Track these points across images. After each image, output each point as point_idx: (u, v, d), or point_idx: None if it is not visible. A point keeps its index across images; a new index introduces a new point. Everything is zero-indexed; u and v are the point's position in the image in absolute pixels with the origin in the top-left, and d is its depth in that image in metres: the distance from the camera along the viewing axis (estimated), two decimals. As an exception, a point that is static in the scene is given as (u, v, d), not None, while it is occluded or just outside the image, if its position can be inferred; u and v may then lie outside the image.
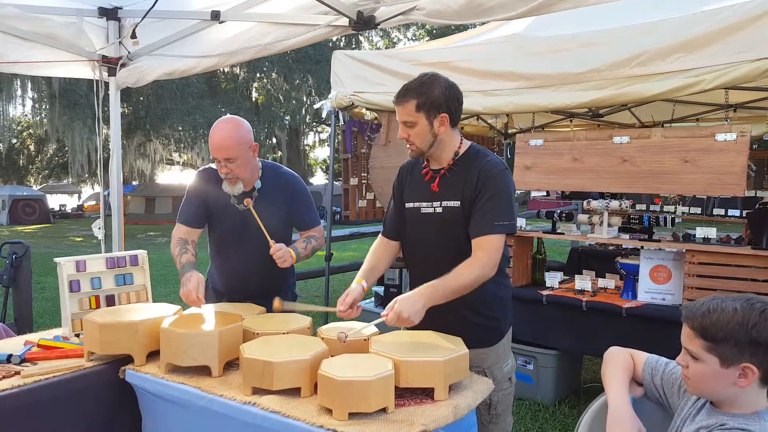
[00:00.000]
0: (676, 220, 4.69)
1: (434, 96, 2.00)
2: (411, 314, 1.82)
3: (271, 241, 2.40)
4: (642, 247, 3.70)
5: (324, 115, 4.87)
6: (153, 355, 2.08)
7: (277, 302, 2.15)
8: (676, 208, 5.12)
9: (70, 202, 33.53)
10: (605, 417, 1.62)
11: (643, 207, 5.10)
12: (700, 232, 3.39)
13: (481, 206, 2.01)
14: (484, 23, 4.70)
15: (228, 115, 2.55)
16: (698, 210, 5.54)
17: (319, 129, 28.00)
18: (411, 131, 2.05)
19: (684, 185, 3.34)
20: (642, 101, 3.65)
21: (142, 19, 3.18)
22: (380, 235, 2.35)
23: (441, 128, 2.04)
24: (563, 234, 4.02)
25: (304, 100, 22.55)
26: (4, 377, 1.92)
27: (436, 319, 1.99)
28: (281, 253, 2.41)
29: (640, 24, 3.26)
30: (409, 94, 2.02)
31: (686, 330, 1.46)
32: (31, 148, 31.73)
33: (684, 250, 3.33)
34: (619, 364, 1.74)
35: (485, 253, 1.97)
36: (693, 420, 1.52)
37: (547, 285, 3.93)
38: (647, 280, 3.48)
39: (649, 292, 3.48)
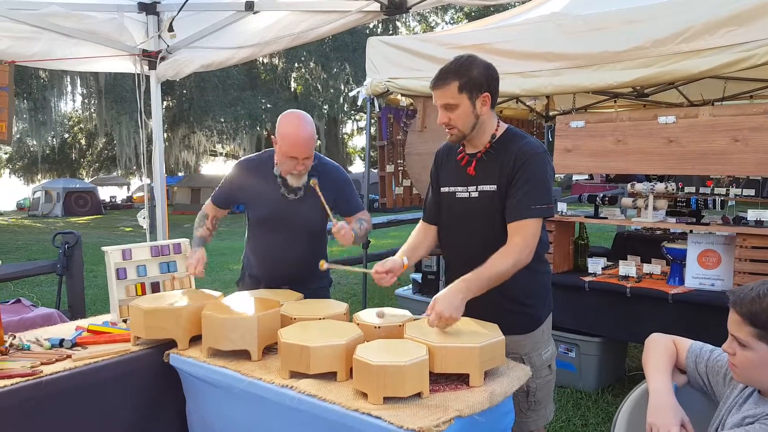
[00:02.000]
0: (729, 203, 4.49)
1: (475, 76, 1.97)
2: (452, 312, 1.81)
3: (333, 220, 2.45)
4: (691, 231, 3.57)
5: (359, 103, 4.86)
6: (196, 340, 2.14)
7: (322, 263, 2.23)
8: (728, 190, 4.90)
9: (120, 194, 34.72)
10: (646, 405, 1.58)
11: (693, 189, 4.90)
12: (752, 214, 3.24)
13: (517, 190, 1.98)
14: (522, 2, 4.60)
15: (297, 111, 2.54)
16: (752, 192, 5.31)
17: (357, 117, 28.03)
18: (452, 114, 2.02)
19: (734, 166, 3.19)
20: (689, 79, 3.50)
21: (179, 12, 3.25)
22: (421, 220, 2.34)
23: (483, 108, 2.01)
24: (606, 218, 3.91)
25: (342, 88, 22.59)
26: (56, 360, 2.01)
27: (472, 306, 1.97)
28: (345, 232, 2.43)
29: (685, -3, 3.12)
30: (450, 76, 1.98)
31: (734, 316, 1.41)
32: (82, 142, 32.88)
33: (735, 234, 3.20)
34: (661, 350, 1.69)
35: (521, 239, 1.94)
36: (739, 409, 1.47)
37: (589, 271, 3.84)
38: (695, 265, 3.36)
39: (697, 277, 3.36)
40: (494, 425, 1.75)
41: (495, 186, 2.04)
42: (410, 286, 5.41)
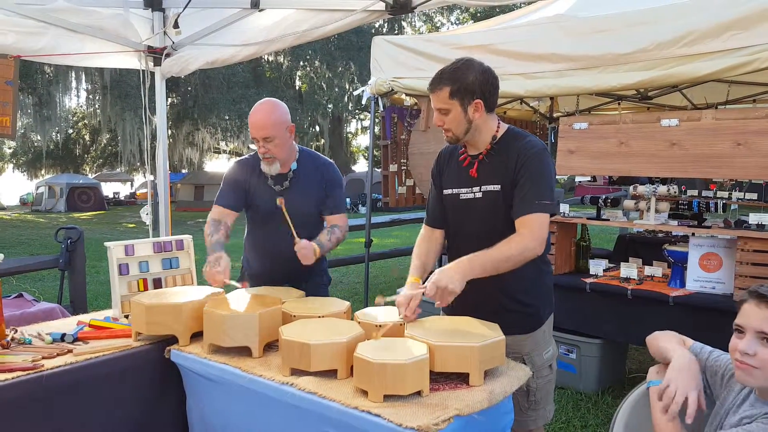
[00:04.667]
0: (732, 207, 4.49)
1: (468, 82, 1.98)
2: (449, 283, 1.80)
3: (297, 238, 2.45)
4: (692, 234, 3.57)
5: (364, 102, 4.87)
6: (197, 336, 2.15)
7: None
8: (730, 193, 4.89)
9: (123, 190, 34.78)
10: (645, 406, 1.59)
11: (695, 193, 4.90)
12: (754, 218, 3.24)
13: (521, 187, 1.99)
14: (527, 3, 4.60)
15: (266, 98, 2.61)
16: (755, 196, 5.30)
17: (362, 116, 28.00)
18: (446, 118, 2.04)
19: (737, 169, 3.19)
20: (693, 82, 3.50)
21: (184, 9, 3.25)
22: (424, 224, 2.33)
23: (475, 114, 2.02)
24: (608, 220, 3.91)
25: (347, 87, 22.60)
26: (57, 355, 2.02)
27: (473, 305, 1.99)
28: (305, 251, 2.43)
29: (690, 1, 3.12)
30: (443, 81, 2.00)
31: (763, 312, 1.35)
32: (86, 138, 32.89)
33: (736, 237, 3.20)
34: (670, 335, 1.71)
35: (528, 230, 1.95)
36: (737, 411, 1.47)
37: (591, 272, 3.84)
38: (696, 268, 3.36)
39: (698, 280, 3.36)
40: (493, 424, 1.76)
41: (499, 186, 2.05)
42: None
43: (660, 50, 3.15)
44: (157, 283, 2.65)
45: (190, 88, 21.19)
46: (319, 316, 2.08)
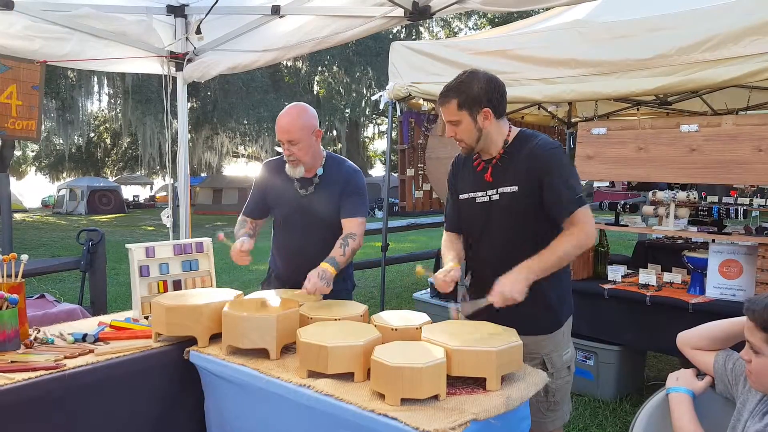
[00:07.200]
0: (753, 213, 4.43)
1: (474, 93, 2.03)
2: (512, 291, 1.88)
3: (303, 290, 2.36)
4: (712, 241, 3.53)
5: (382, 107, 4.89)
6: (215, 338, 2.18)
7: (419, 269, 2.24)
8: (751, 200, 4.83)
9: (143, 193, 35.23)
10: (664, 413, 1.59)
11: (715, 199, 4.84)
12: (776, 225, 3.20)
13: (552, 190, 2.01)
14: (545, 10, 4.59)
15: (295, 102, 2.65)
16: (776, 202, 5.23)
17: (379, 121, 28.08)
18: (457, 129, 2.10)
19: (757, 175, 3.16)
20: (713, 87, 3.47)
21: (206, 15, 3.30)
22: (445, 231, 2.38)
23: (485, 122, 2.07)
24: (627, 226, 3.89)
25: (364, 92, 22.67)
26: (79, 354, 2.06)
27: (493, 307, 1.99)
28: (311, 287, 2.32)
29: (710, 6, 3.09)
30: (450, 94, 2.07)
31: (748, 323, 1.45)
32: (107, 141, 33.35)
33: (757, 244, 3.16)
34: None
35: (577, 227, 1.99)
36: (762, 418, 1.47)
37: (609, 279, 3.82)
38: (716, 274, 3.32)
39: (718, 287, 3.32)
40: (510, 430, 1.75)
41: (516, 187, 2.08)
42: (428, 290, 5.41)
43: (680, 56, 3.13)
44: (177, 285, 2.68)
45: (209, 93, 21.41)
46: (336, 319, 2.10)
